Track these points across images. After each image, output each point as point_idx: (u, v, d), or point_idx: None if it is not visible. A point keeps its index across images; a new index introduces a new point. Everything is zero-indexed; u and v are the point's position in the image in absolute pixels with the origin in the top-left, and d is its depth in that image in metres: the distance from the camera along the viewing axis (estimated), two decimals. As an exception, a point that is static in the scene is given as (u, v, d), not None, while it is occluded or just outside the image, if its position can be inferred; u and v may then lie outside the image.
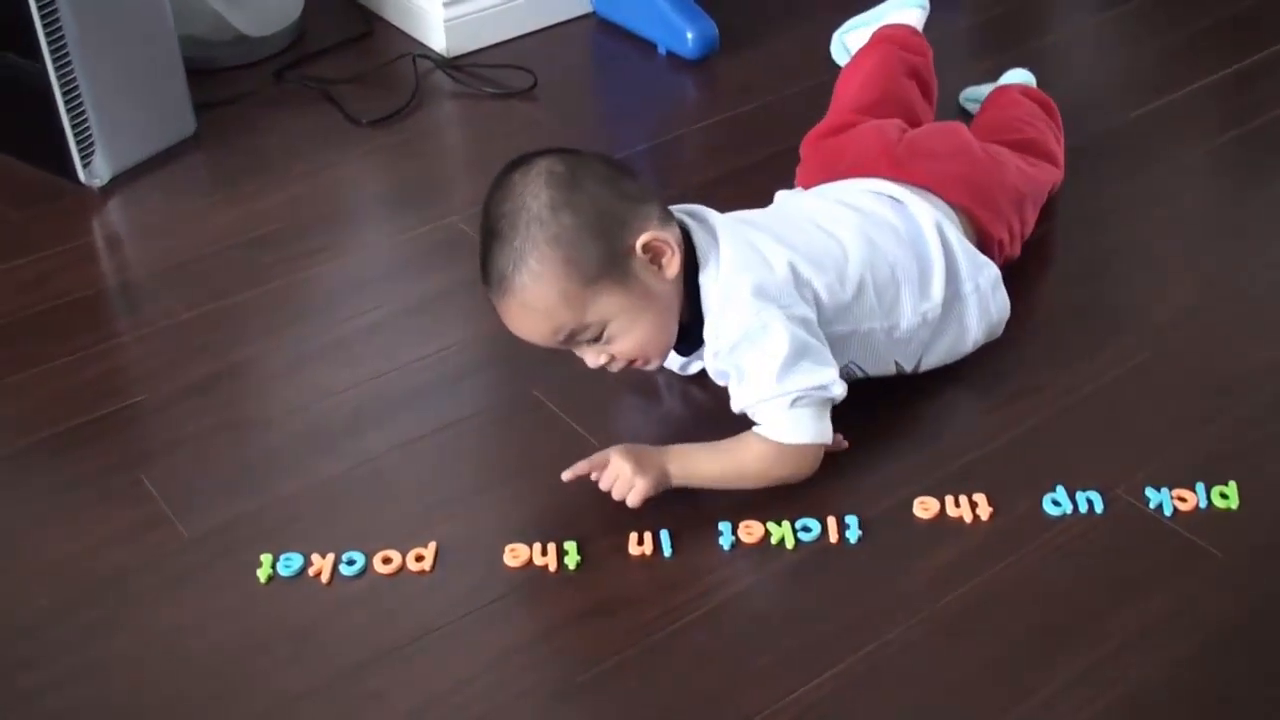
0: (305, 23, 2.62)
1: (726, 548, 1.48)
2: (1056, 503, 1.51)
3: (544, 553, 1.47)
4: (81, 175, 2.12)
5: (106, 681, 1.37)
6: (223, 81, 2.43)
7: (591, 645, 1.38)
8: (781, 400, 1.49)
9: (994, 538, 1.48)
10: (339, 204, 2.16)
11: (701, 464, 1.52)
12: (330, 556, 1.47)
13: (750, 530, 1.49)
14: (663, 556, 1.47)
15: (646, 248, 1.49)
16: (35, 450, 1.66)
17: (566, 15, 2.62)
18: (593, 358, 1.54)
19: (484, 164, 1.75)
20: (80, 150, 2.11)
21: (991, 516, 1.50)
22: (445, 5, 2.46)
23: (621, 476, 1.49)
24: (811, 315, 1.54)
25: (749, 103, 2.32)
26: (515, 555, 1.47)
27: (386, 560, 1.47)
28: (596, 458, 1.51)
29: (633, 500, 1.49)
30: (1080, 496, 1.51)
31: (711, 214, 1.60)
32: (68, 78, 2.05)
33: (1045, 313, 1.81)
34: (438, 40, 2.51)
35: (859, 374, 1.63)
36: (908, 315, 1.62)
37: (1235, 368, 1.70)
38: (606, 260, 1.47)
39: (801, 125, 1.98)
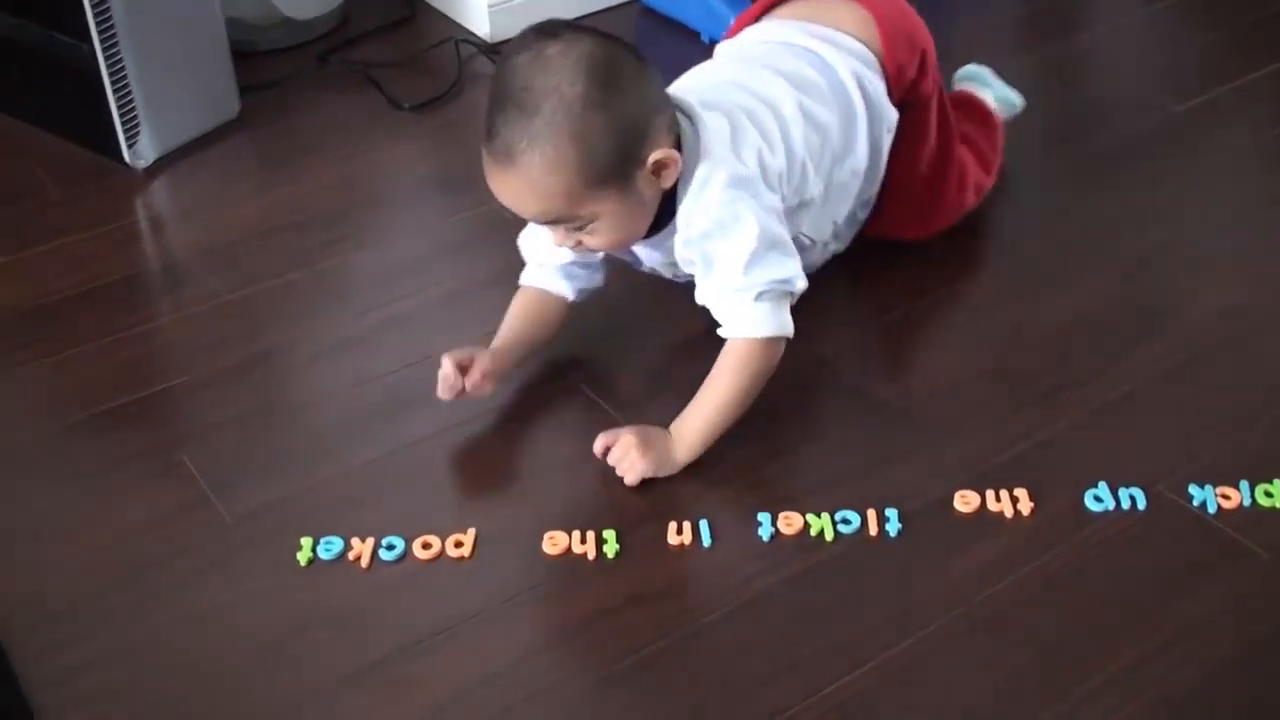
0: (349, 6, 2.62)
1: (765, 539, 1.47)
2: (1099, 499, 1.50)
3: (583, 541, 1.47)
4: (126, 156, 2.13)
5: (146, 662, 1.38)
6: (267, 64, 2.44)
7: (630, 634, 1.38)
8: (747, 294, 1.52)
9: (1035, 533, 1.47)
10: (380, 188, 2.17)
11: (698, 425, 1.55)
12: (370, 541, 1.48)
13: (790, 521, 1.48)
14: (702, 546, 1.47)
15: (657, 163, 1.49)
16: (77, 430, 1.67)
17: (610, 2, 2.61)
18: (560, 237, 1.54)
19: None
20: (126, 131, 2.12)
21: (1033, 512, 1.49)
22: (490, -10, 2.47)
23: (627, 455, 1.52)
24: (779, 204, 1.57)
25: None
26: (554, 543, 1.47)
27: (426, 546, 1.47)
28: (610, 434, 1.54)
29: (630, 478, 1.52)
30: (1123, 493, 1.50)
31: (696, 109, 1.57)
32: (115, 59, 2.06)
33: (1090, 308, 1.80)
34: (481, 25, 2.51)
35: (806, 243, 1.68)
36: (842, 174, 1.67)
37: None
38: (618, 168, 1.47)
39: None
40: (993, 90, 2.04)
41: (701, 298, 1.57)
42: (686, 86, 1.66)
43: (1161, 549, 1.45)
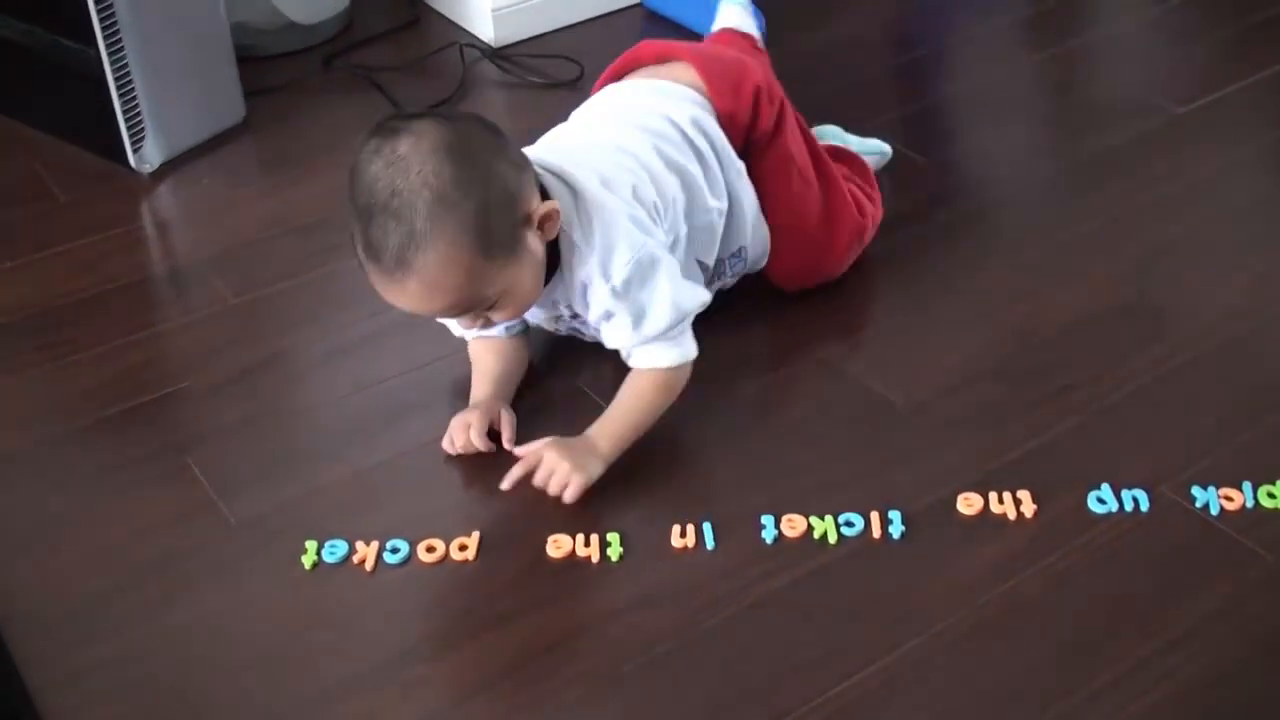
0: (354, 11, 2.63)
1: (769, 541, 1.48)
2: (1101, 500, 1.50)
3: (587, 544, 1.48)
4: (132, 160, 2.14)
5: (152, 664, 1.38)
6: (272, 68, 2.45)
7: (634, 636, 1.38)
8: (675, 330, 1.56)
9: (1038, 535, 1.48)
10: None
11: (621, 428, 1.56)
12: (374, 544, 1.48)
13: (793, 524, 1.49)
14: (705, 549, 1.47)
15: (544, 217, 1.49)
16: (84, 434, 1.67)
17: (615, 6, 2.62)
18: (468, 322, 1.53)
19: (531, 154, 1.75)
20: (131, 135, 2.12)
21: (1036, 514, 1.49)
22: (493, -5, 2.47)
23: (557, 472, 1.50)
24: (665, 238, 1.61)
25: (796, 95, 2.31)
26: (558, 546, 1.48)
27: (430, 549, 1.48)
28: (529, 458, 1.52)
29: (569, 496, 1.50)
30: (1126, 495, 1.50)
31: (562, 166, 1.58)
32: (120, 64, 2.06)
33: (1091, 309, 1.80)
34: (485, 30, 2.52)
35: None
36: (704, 216, 1.68)
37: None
38: (509, 236, 1.46)
39: (847, 116, 1.97)
40: (851, 144, 2.03)
41: (613, 344, 1.60)
42: (545, 152, 1.65)
43: (1165, 551, 1.45)
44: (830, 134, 2.04)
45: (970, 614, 1.39)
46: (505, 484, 1.51)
